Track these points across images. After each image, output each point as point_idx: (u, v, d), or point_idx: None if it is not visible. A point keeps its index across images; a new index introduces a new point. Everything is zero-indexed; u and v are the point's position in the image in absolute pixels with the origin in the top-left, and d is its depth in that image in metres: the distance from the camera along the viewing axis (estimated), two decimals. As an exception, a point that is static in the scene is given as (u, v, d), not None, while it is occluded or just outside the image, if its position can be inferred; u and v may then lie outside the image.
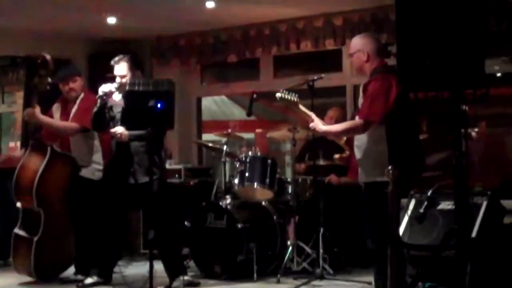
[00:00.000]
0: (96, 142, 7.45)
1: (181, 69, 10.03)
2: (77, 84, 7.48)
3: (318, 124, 5.97)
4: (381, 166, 5.39)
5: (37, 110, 7.23)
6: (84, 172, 7.38)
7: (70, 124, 7.35)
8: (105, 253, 7.11)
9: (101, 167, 7.38)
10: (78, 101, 7.43)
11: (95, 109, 6.76)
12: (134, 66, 7.07)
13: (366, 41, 5.95)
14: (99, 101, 6.71)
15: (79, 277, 7.28)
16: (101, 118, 6.78)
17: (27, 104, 7.47)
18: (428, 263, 5.71)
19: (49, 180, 7.24)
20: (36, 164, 7.22)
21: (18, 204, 7.35)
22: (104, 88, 6.74)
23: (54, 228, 7.28)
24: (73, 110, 7.41)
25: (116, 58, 7.05)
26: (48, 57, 7.16)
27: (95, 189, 7.30)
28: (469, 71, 4.35)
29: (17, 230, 7.37)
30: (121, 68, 7.00)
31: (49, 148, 7.25)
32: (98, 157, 7.44)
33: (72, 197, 7.35)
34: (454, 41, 4.35)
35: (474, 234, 5.47)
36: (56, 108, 7.57)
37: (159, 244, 6.82)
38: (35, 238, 7.17)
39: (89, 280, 7.01)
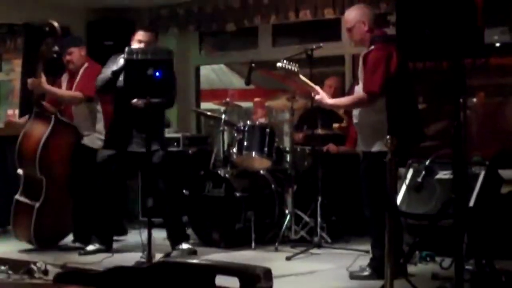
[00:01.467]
0: (99, 111, 7.48)
1: (179, 38, 10.00)
2: (74, 55, 7.48)
3: (324, 97, 5.98)
4: (380, 136, 5.42)
5: (43, 80, 7.25)
6: (86, 141, 7.42)
7: (74, 93, 7.38)
8: (105, 220, 7.14)
9: (102, 136, 7.38)
10: (81, 71, 7.45)
11: (115, 68, 6.69)
12: (155, 33, 7.10)
13: (364, 11, 5.95)
14: (121, 61, 6.61)
15: (78, 244, 7.33)
16: (114, 80, 6.74)
17: (27, 71, 7.46)
18: (425, 232, 5.75)
19: (52, 148, 7.27)
20: (40, 131, 7.25)
21: (20, 171, 7.37)
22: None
23: (55, 196, 7.31)
24: (77, 79, 7.43)
25: (143, 25, 7.20)
26: (55, 24, 7.14)
27: (93, 156, 7.31)
28: (469, 40, 4.34)
29: (18, 197, 7.39)
30: (146, 35, 6.96)
31: (53, 116, 7.28)
32: (100, 126, 7.46)
33: (73, 165, 7.38)
34: (453, 10, 4.33)
35: (471, 203, 5.51)
36: (64, 78, 7.62)
37: (162, 212, 6.86)
38: (37, 205, 7.20)
39: (90, 247, 7.05)
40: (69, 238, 7.51)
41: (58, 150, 7.34)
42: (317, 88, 6.02)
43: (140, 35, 6.93)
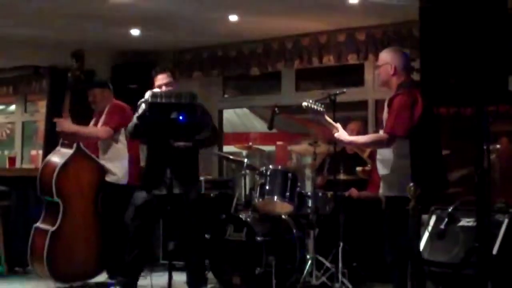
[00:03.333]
0: (123, 148, 7.53)
1: (203, 81, 10.06)
2: (97, 96, 7.61)
3: (343, 134, 5.96)
4: (404, 181, 5.39)
5: (68, 120, 7.34)
6: (111, 178, 7.48)
7: (101, 128, 7.45)
8: (133, 263, 7.10)
9: (126, 172, 7.48)
10: (106, 109, 7.55)
11: (137, 114, 6.75)
12: (173, 76, 7.11)
13: (395, 55, 5.93)
14: (143, 105, 6.67)
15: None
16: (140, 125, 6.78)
17: (52, 113, 7.53)
18: (448, 281, 5.69)
19: (70, 173, 7.29)
20: (61, 156, 7.32)
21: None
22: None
23: (72, 223, 7.29)
24: (101, 118, 7.53)
25: (157, 68, 7.10)
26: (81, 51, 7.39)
27: (122, 193, 7.40)
28: (493, 87, 4.34)
29: (38, 224, 7.37)
30: (164, 77, 7.00)
31: (75, 144, 7.34)
32: (123, 160, 7.52)
33: (103, 204, 7.46)
34: (477, 57, 4.34)
35: (495, 251, 5.46)
36: (92, 122, 7.72)
37: (188, 254, 6.86)
38: (52, 229, 7.17)
39: None
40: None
41: (76, 178, 7.35)
42: (338, 125, 6.01)
43: (158, 79, 6.98)
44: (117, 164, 7.50)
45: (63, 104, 7.46)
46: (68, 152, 7.32)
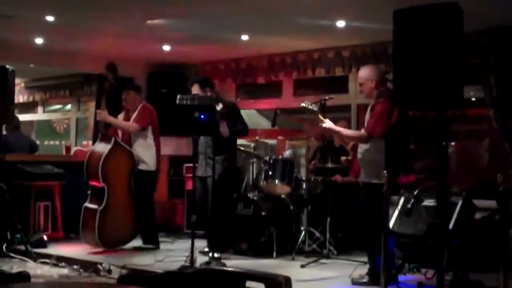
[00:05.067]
0: (151, 141, 7.55)
1: (220, 88, 10.04)
2: (130, 96, 7.67)
3: (332, 125, 5.95)
4: (378, 171, 5.39)
5: (106, 112, 7.42)
6: (143, 166, 7.51)
7: (131, 123, 7.52)
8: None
9: (155, 160, 7.55)
10: (138, 108, 7.59)
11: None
12: (202, 86, 7.18)
13: (374, 72, 5.91)
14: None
15: (149, 246, 7.59)
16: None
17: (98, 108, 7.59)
18: (413, 249, 5.69)
19: (112, 162, 7.36)
20: (103, 149, 7.37)
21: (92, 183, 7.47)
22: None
23: (115, 202, 7.37)
24: (134, 115, 7.56)
25: (190, 82, 7.49)
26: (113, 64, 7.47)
27: (151, 177, 7.58)
28: (451, 95, 4.32)
29: (86, 204, 7.45)
30: (194, 88, 7.18)
31: (113, 138, 7.39)
32: (152, 152, 7.55)
33: (136, 187, 7.51)
34: (439, 71, 4.32)
35: (451, 226, 5.45)
36: (120, 116, 7.72)
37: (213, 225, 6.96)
38: (100, 208, 7.24)
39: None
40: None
41: (117, 166, 7.42)
42: (327, 120, 6.01)
43: (193, 89, 7.18)
44: (148, 154, 7.55)
45: (100, 103, 7.55)
46: (107, 145, 7.36)
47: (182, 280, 2.39)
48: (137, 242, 7.63)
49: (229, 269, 2.49)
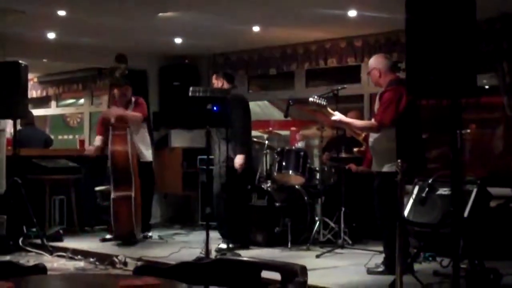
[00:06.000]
0: (146, 133, 7.83)
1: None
2: (129, 91, 7.75)
3: (342, 117, 5.95)
4: (390, 159, 5.38)
5: (114, 107, 7.57)
6: (144, 157, 7.70)
7: (138, 114, 7.60)
8: None
9: (151, 151, 7.84)
10: (133, 101, 7.71)
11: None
12: (224, 79, 7.26)
13: (379, 60, 5.93)
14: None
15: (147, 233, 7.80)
16: None
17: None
18: (428, 237, 5.68)
19: (133, 154, 7.44)
20: (123, 140, 7.41)
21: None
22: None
23: (137, 191, 7.41)
24: (131, 107, 7.66)
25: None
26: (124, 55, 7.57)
27: (151, 168, 7.82)
28: (464, 83, 4.30)
29: (113, 196, 7.32)
30: (213, 77, 7.37)
31: (127, 129, 7.44)
32: (148, 143, 7.84)
33: (142, 177, 7.56)
34: (452, 59, 4.30)
35: (466, 214, 5.44)
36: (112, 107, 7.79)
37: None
38: (132, 194, 7.30)
39: None
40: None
41: (135, 157, 7.50)
42: (337, 112, 6.01)
43: (215, 80, 7.30)
44: (145, 146, 7.69)
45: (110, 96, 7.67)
46: (123, 136, 7.40)
47: (198, 271, 2.40)
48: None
49: (245, 259, 2.51)
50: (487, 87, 7.88)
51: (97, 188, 7.69)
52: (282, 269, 2.27)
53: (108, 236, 7.63)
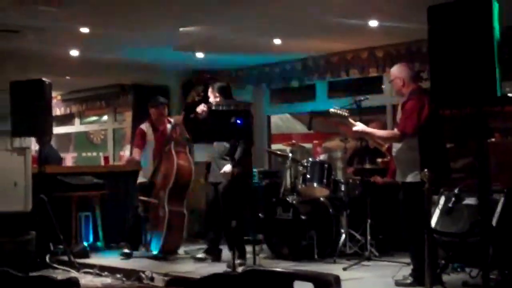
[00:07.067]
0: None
1: (253, 93, 10.09)
2: (165, 111, 7.89)
3: (364, 127, 5.96)
4: (413, 169, 5.38)
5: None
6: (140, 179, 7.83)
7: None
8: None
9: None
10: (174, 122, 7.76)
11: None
12: (219, 93, 7.14)
13: (402, 70, 5.94)
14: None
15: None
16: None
17: (136, 122, 7.72)
18: (457, 248, 5.65)
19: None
20: (185, 152, 7.74)
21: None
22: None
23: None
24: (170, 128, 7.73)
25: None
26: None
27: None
28: (488, 92, 4.30)
29: (167, 207, 7.42)
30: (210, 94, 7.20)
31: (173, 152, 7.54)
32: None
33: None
34: (474, 68, 4.30)
35: (494, 223, 5.40)
36: (146, 127, 7.85)
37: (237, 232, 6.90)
38: (184, 211, 7.51)
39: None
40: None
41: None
42: (358, 123, 6.02)
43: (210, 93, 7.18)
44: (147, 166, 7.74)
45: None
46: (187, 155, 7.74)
47: (230, 282, 2.43)
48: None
49: (277, 269, 2.52)
50: (510, 95, 7.83)
51: (141, 198, 7.67)
52: (315, 279, 2.28)
53: (126, 251, 7.64)
